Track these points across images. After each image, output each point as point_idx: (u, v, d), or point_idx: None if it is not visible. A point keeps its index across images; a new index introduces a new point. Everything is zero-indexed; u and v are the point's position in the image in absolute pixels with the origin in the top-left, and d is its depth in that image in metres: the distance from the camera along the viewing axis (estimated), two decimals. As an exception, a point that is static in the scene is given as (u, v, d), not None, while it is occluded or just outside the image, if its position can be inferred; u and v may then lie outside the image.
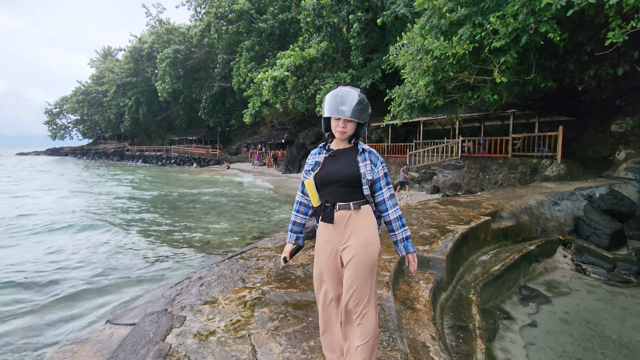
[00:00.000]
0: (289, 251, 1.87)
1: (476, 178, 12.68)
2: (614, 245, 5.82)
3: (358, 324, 1.62)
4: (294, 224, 1.88)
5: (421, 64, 8.96)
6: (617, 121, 10.68)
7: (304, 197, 1.84)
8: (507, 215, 5.89)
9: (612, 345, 3.48)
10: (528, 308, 4.23)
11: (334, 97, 1.64)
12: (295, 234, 1.88)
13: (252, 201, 13.73)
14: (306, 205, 1.86)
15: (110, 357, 1.96)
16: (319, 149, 1.79)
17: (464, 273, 4.32)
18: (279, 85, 15.42)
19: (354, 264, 1.60)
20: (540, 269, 5.37)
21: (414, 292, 3.20)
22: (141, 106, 45.40)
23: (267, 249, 3.99)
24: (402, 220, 1.72)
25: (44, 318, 4.34)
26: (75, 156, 61.33)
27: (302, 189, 1.82)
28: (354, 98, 1.61)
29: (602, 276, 5.19)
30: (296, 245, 1.89)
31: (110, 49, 62.75)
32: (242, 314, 2.47)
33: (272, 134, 34.66)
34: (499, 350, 3.32)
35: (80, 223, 9.58)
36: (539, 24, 6.99)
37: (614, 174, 7.73)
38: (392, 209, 1.70)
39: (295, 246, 1.89)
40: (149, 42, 40.72)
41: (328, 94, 1.68)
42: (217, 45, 30.11)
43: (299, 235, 1.89)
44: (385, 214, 1.72)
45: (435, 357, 2.23)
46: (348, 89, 1.65)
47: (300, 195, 1.86)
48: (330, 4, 15.49)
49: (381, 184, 1.69)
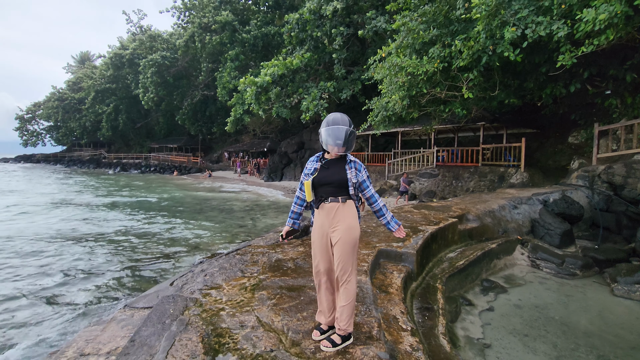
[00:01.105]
0: (286, 231, 2.42)
1: (450, 186, 13.53)
2: (564, 244, 6.61)
3: (344, 288, 2.16)
4: (293, 212, 2.44)
5: (397, 79, 9.72)
6: (573, 133, 11.79)
7: (301, 193, 2.38)
8: (472, 218, 6.59)
9: (554, 324, 4.14)
10: (487, 297, 4.87)
11: (332, 133, 2.19)
12: (292, 220, 2.44)
13: (239, 207, 14.08)
14: (302, 200, 2.40)
15: (139, 328, 2.39)
16: (316, 157, 2.35)
17: (433, 267, 4.92)
18: (262, 94, 15.91)
19: (340, 243, 2.16)
20: (501, 264, 6.06)
21: (388, 280, 3.75)
22: (120, 113, 44.74)
23: (260, 246, 4.46)
24: (386, 207, 2.37)
25: (67, 307, 4.77)
26: (48, 163, 59.30)
27: (301, 187, 2.35)
28: (345, 133, 2.18)
29: (553, 270, 5.92)
30: (292, 229, 2.44)
31: (89, 54, 61.59)
32: (244, 295, 2.94)
33: (255, 142, 34.96)
34: (460, 329, 3.90)
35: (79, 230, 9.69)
36: (496, 46, 7.85)
37: (567, 181, 8.64)
38: (378, 200, 2.33)
39: (291, 229, 2.44)
40: (130, 48, 40.40)
41: (324, 129, 2.22)
42: (201, 54, 30.39)
43: (296, 221, 2.44)
44: (375, 204, 2.33)
45: (403, 325, 2.77)
46: (340, 127, 2.19)
47: (299, 192, 2.40)
48: (313, 19, 16.21)
49: (367, 184, 2.30)
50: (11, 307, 5.15)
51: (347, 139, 2.19)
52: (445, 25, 9.13)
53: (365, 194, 2.31)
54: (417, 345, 2.48)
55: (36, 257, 7.41)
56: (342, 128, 2.19)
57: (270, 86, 16.35)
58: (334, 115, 2.25)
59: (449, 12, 8.94)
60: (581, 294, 5.09)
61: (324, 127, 2.24)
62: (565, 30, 6.73)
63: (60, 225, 10.43)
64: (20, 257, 7.40)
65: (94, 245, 8.37)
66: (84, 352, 2.32)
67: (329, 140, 2.20)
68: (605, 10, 5.99)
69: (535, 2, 7.42)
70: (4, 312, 4.96)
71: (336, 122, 2.21)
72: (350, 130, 2.21)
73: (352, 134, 2.23)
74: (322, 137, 2.25)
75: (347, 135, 2.19)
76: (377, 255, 4.16)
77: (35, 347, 3.88)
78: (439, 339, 3.09)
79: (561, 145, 12.94)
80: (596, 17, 6.10)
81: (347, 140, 2.20)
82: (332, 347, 2.11)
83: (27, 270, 6.58)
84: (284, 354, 2.07)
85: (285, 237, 2.41)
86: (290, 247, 4.38)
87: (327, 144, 2.22)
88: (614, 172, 7.74)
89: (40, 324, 4.54)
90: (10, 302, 5.28)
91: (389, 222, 2.35)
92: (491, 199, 7.71)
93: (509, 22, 7.37)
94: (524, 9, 7.34)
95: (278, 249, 4.30)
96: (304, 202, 2.39)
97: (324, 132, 2.23)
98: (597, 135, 8.90)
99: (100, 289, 5.64)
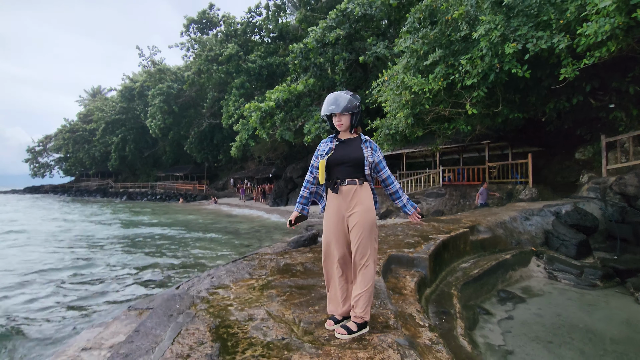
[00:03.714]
0: (295, 217, 2.30)
1: (457, 204, 13.36)
2: (581, 254, 6.37)
3: (361, 273, 2.05)
4: (302, 197, 2.33)
5: (400, 98, 9.87)
6: (579, 149, 11.72)
7: (311, 175, 2.30)
8: (483, 229, 6.43)
9: (579, 331, 3.90)
10: (505, 306, 4.64)
11: (326, 101, 2.19)
12: (301, 205, 2.32)
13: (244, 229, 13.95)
14: (312, 183, 2.31)
15: (144, 320, 2.28)
16: (329, 138, 2.28)
17: (447, 276, 4.74)
18: (267, 118, 16.21)
19: (359, 225, 2.05)
20: (517, 276, 5.83)
21: (401, 284, 3.60)
22: (129, 143, 45.66)
23: (267, 254, 4.35)
24: (402, 190, 2.30)
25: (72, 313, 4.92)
26: (56, 194, 59.94)
27: (311, 169, 2.29)
28: (341, 97, 2.14)
29: (572, 281, 5.67)
30: (301, 214, 2.32)
31: (100, 88, 63.88)
32: (252, 294, 2.83)
33: (260, 168, 35.23)
34: (479, 336, 3.68)
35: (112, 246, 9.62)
36: (502, 64, 8.00)
37: (578, 194, 8.48)
38: (394, 182, 2.26)
39: (300, 215, 2.31)
40: (140, 81, 41.87)
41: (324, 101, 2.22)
42: (207, 84, 31.38)
43: (305, 206, 2.32)
44: (391, 186, 2.26)
45: (420, 322, 2.62)
46: (337, 92, 2.19)
47: (309, 175, 2.32)
48: (317, 47, 16.79)
49: (383, 164, 2.23)
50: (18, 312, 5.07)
51: (343, 101, 2.11)
52: (447, 46, 9.38)
53: (381, 175, 2.23)
54: (437, 339, 2.33)
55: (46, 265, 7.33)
56: (339, 93, 2.17)
57: (274, 111, 16.69)
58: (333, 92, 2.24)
59: (451, 34, 9.19)
60: (604, 303, 4.84)
61: None
62: (566, 42, 6.86)
63: (65, 249, 10.35)
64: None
65: (93, 255, 8.28)
66: (86, 346, 2.20)
67: (325, 108, 2.15)
68: (607, 22, 6.12)
69: (534, 19, 7.64)
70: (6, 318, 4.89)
71: (333, 93, 2.20)
72: (349, 97, 2.14)
73: (349, 97, 2.14)
74: (322, 111, 2.20)
75: (345, 100, 2.12)
76: (389, 260, 4.02)
77: (37, 348, 3.78)
78: (458, 340, 2.91)
79: (568, 162, 12.84)
80: (598, 29, 6.22)
81: (345, 104, 2.11)
82: (347, 335, 1.99)
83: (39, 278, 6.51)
84: (297, 341, 1.95)
85: (294, 223, 2.29)
86: (298, 254, 4.27)
87: (325, 112, 2.17)
88: (626, 182, 7.60)
89: (42, 326, 4.50)
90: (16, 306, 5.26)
91: (405, 205, 2.26)
92: (501, 212, 7.56)
93: (509, 38, 7.56)
94: (523, 26, 7.54)
95: (286, 255, 4.19)
96: (314, 186, 2.32)
97: (323, 105, 2.20)
98: (605, 147, 8.84)
99: (104, 297, 5.57)
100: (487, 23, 7.61)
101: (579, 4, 6.79)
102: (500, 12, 7.88)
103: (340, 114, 2.15)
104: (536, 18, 7.61)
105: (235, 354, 1.80)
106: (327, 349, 1.85)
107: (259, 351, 1.83)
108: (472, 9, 8.49)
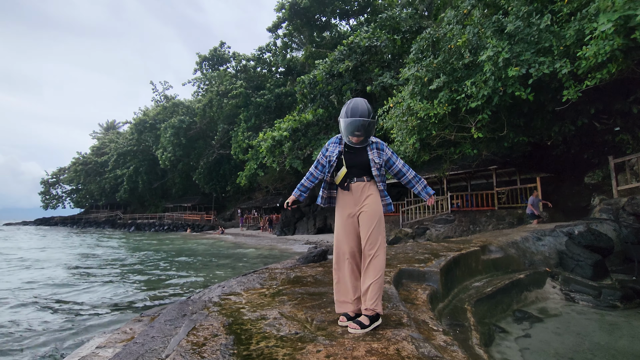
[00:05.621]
0: (292, 200, 2.42)
1: (467, 230, 13.17)
2: (597, 275, 6.19)
3: (372, 263, 2.07)
4: (302, 185, 2.41)
5: (407, 124, 10.08)
6: (588, 174, 11.68)
7: (316, 170, 2.37)
8: (495, 249, 6.33)
9: (601, 349, 3.74)
10: (522, 325, 4.48)
11: (352, 125, 2.16)
12: (300, 192, 2.42)
13: (249, 258, 13.83)
14: (315, 177, 2.38)
15: (157, 319, 2.29)
16: (337, 138, 2.35)
17: (459, 293, 4.64)
18: (277, 147, 16.55)
19: (367, 216, 2.13)
20: (532, 297, 5.65)
21: (413, 295, 3.54)
22: (140, 175, 46.53)
23: (277, 268, 4.34)
24: (418, 176, 2.36)
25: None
26: (65, 225, 60.42)
27: (317, 164, 2.36)
28: (364, 125, 2.17)
29: (590, 302, 5.48)
30: (297, 200, 2.42)
31: (114, 122, 66.10)
32: (264, 299, 2.82)
33: (267, 198, 35.37)
34: (496, 352, 3.55)
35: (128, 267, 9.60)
36: (506, 87, 8.22)
37: (590, 216, 8.36)
38: (408, 172, 2.34)
39: (296, 199, 2.42)
40: (152, 114, 43.36)
41: (342, 120, 2.21)
42: (218, 117, 32.41)
43: (303, 193, 2.42)
44: (404, 176, 2.34)
45: (434, 327, 2.57)
46: (357, 119, 2.16)
47: (313, 169, 2.38)
48: (325, 78, 17.44)
49: (393, 159, 2.32)
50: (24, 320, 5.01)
51: (365, 129, 2.18)
52: (450, 72, 9.70)
53: (393, 170, 2.32)
54: (452, 341, 2.28)
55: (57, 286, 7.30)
56: (359, 120, 2.15)
57: (284, 140, 17.08)
58: (354, 102, 2.19)
59: (454, 61, 9.53)
60: (626, 324, 4.64)
61: (342, 117, 2.21)
62: (569, 68, 7.07)
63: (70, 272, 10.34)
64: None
65: (100, 278, 8.22)
66: (100, 345, 2.21)
67: (348, 132, 2.19)
68: (606, 44, 6.35)
69: (535, 45, 7.93)
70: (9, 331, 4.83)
71: (355, 112, 2.16)
72: (369, 121, 2.17)
73: (371, 124, 2.20)
74: (341, 127, 2.24)
75: (366, 126, 2.17)
76: (399, 273, 3.98)
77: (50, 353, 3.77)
78: (474, 349, 2.83)
79: (578, 187, 12.74)
80: (598, 51, 6.43)
81: (367, 130, 2.19)
82: (360, 329, 1.98)
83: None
84: (310, 335, 1.94)
85: (291, 205, 2.43)
86: (308, 268, 4.25)
87: (346, 135, 2.22)
88: (638, 203, 7.51)
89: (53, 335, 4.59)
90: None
91: (420, 192, 2.33)
92: (512, 232, 7.46)
93: (512, 63, 7.82)
94: (525, 52, 7.82)
95: (296, 269, 4.17)
96: (316, 180, 2.39)
97: (342, 123, 2.21)
98: (614, 168, 8.81)
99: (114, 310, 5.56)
100: (493, 47, 7.90)
101: (577, 29, 7.07)
102: (502, 39, 8.21)
103: (360, 139, 2.23)
104: (537, 45, 7.91)
105: (249, 344, 1.80)
106: (340, 341, 1.85)
107: (273, 342, 1.83)
108: (474, 37, 8.86)
